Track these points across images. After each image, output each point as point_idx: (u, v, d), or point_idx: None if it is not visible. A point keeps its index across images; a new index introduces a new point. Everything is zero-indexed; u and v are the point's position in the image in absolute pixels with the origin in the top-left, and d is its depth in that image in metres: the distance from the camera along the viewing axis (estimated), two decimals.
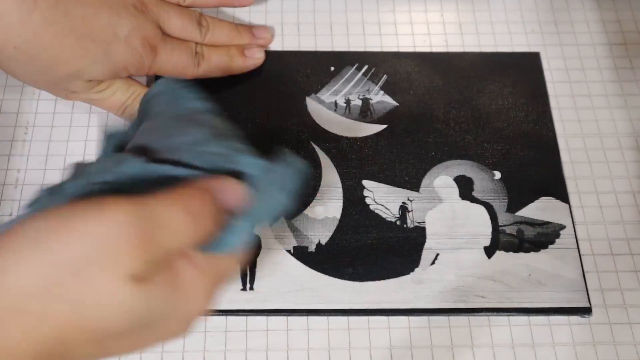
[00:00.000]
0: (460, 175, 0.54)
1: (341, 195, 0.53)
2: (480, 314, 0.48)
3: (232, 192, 0.37)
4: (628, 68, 0.59)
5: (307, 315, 0.48)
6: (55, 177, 0.52)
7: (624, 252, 0.51)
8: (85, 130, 0.54)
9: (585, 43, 0.60)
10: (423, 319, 0.48)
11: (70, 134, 0.54)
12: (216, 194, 0.36)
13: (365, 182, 0.53)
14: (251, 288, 0.48)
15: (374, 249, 0.50)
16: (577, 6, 0.62)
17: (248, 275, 0.49)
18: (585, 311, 0.48)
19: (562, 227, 0.51)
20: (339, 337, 0.48)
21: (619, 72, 0.59)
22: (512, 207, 0.52)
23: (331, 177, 0.53)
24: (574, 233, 0.51)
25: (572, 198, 0.52)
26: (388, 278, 0.49)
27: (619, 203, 0.53)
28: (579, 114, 0.57)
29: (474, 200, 0.53)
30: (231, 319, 0.48)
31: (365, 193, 0.53)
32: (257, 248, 0.50)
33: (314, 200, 0.52)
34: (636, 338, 0.48)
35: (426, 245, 0.51)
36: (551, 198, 0.53)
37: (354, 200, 0.52)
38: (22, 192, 0.52)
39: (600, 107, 0.57)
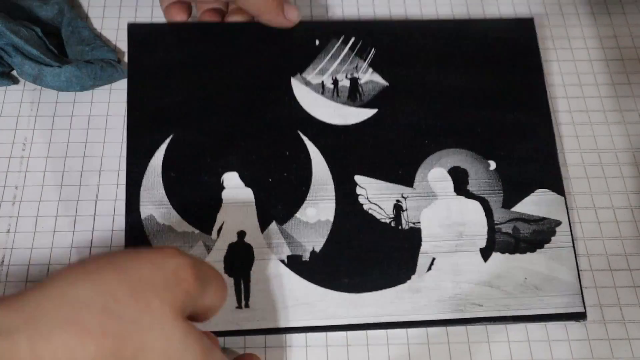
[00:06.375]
0: (454, 167, 0.52)
1: (333, 194, 0.51)
2: (477, 323, 0.48)
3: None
4: (625, 84, 0.59)
5: (305, 332, 0.47)
6: (53, 193, 0.52)
7: (622, 267, 0.51)
8: (83, 147, 0.54)
9: (583, 59, 0.61)
10: (421, 334, 0.48)
11: (67, 150, 0.54)
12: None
13: (357, 178, 0.51)
14: (246, 305, 0.47)
15: (369, 255, 0.49)
16: (574, 22, 0.63)
17: (243, 291, 0.47)
18: (580, 316, 0.48)
19: (558, 223, 0.51)
20: (338, 354, 0.47)
21: (616, 87, 0.59)
22: (508, 202, 0.51)
23: (322, 174, 0.51)
24: (569, 229, 0.51)
25: (571, 214, 0.52)
26: (385, 288, 0.48)
27: (617, 218, 0.53)
28: (577, 129, 0.57)
29: (469, 195, 0.51)
30: (229, 337, 0.48)
31: (358, 191, 0.51)
32: (249, 259, 0.49)
33: (305, 202, 0.50)
34: (635, 353, 0.48)
35: (422, 249, 0.49)
36: (547, 190, 0.52)
37: (346, 200, 0.51)
38: (20, 209, 0.52)
39: (597, 122, 0.57)
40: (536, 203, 0.51)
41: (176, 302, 0.35)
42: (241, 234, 0.49)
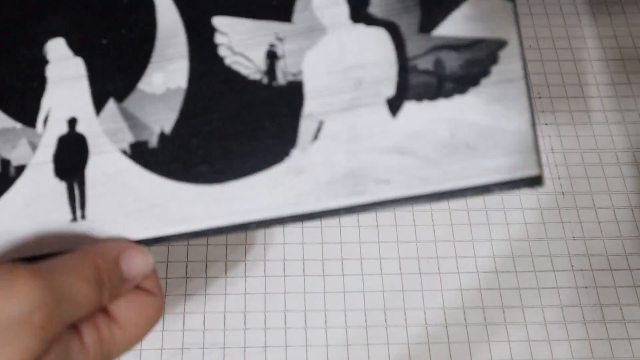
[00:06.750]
0: None
1: (185, 50, 0.37)
2: (384, 208, 0.34)
3: (137, 262, 0.35)
4: (625, 84, 0.59)
5: (153, 245, 0.36)
6: None
7: (622, 267, 0.51)
8: None
9: (583, 59, 0.61)
10: (422, 333, 0.48)
11: None
12: (120, 262, 0.34)
13: (217, 21, 0.37)
14: (83, 216, 0.36)
15: (234, 129, 0.36)
16: (574, 22, 0.63)
17: (77, 198, 0.36)
18: (534, 181, 0.32)
19: (502, 44, 0.34)
20: (338, 353, 0.47)
21: (617, 87, 0.59)
22: (427, 23, 0.35)
23: (170, 22, 0.37)
24: (519, 51, 0.34)
25: (570, 213, 0.52)
26: (256, 171, 0.35)
27: (617, 218, 0.53)
28: (577, 129, 0.57)
29: (371, 20, 0.36)
30: None
31: (218, 39, 0.37)
32: (83, 154, 0.37)
33: (149, 65, 0.37)
34: (635, 354, 0.48)
35: (305, 110, 0.35)
36: None
37: (203, 55, 0.37)
38: None
39: (598, 122, 0.57)
40: (470, 18, 0.35)
41: (28, 351, 0.29)
42: (72, 122, 0.37)
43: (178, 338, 0.47)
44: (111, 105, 0.37)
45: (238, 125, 0.36)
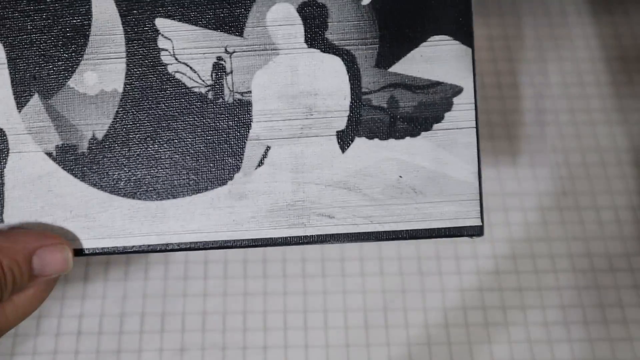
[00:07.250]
0: (307, 1, 0.35)
1: (123, 50, 0.34)
2: (325, 242, 0.35)
3: (53, 261, 0.32)
4: (627, 83, 0.59)
5: (81, 256, 0.34)
6: None
7: (624, 268, 0.51)
8: None
9: (584, 58, 0.60)
10: (422, 333, 0.48)
11: None
12: (34, 260, 0.32)
13: (160, 23, 0.35)
14: (1, 221, 0.34)
15: (175, 145, 0.34)
16: (575, 22, 0.62)
17: None
18: (474, 231, 0.34)
19: (458, 90, 0.35)
20: (338, 354, 0.47)
21: (618, 87, 0.59)
22: (385, 58, 0.35)
23: (107, 17, 0.34)
24: (473, 100, 0.35)
25: (572, 213, 0.52)
26: (196, 192, 0.34)
27: (619, 218, 0.53)
28: (579, 129, 0.57)
29: (328, 47, 0.35)
30: None
31: (161, 43, 0.34)
32: (2, 152, 0.34)
33: (82, 62, 0.34)
34: (637, 354, 0.48)
35: (252, 132, 0.34)
36: (447, 39, 0.35)
37: (143, 59, 0.34)
38: None
39: (599, 122, 0.57)
40: (428, 59, 0.35)
41: None
42: None
43: (178, 338, 0.47)
44: (36, 101, 0.34)
45: (178, 138, 0.34)
